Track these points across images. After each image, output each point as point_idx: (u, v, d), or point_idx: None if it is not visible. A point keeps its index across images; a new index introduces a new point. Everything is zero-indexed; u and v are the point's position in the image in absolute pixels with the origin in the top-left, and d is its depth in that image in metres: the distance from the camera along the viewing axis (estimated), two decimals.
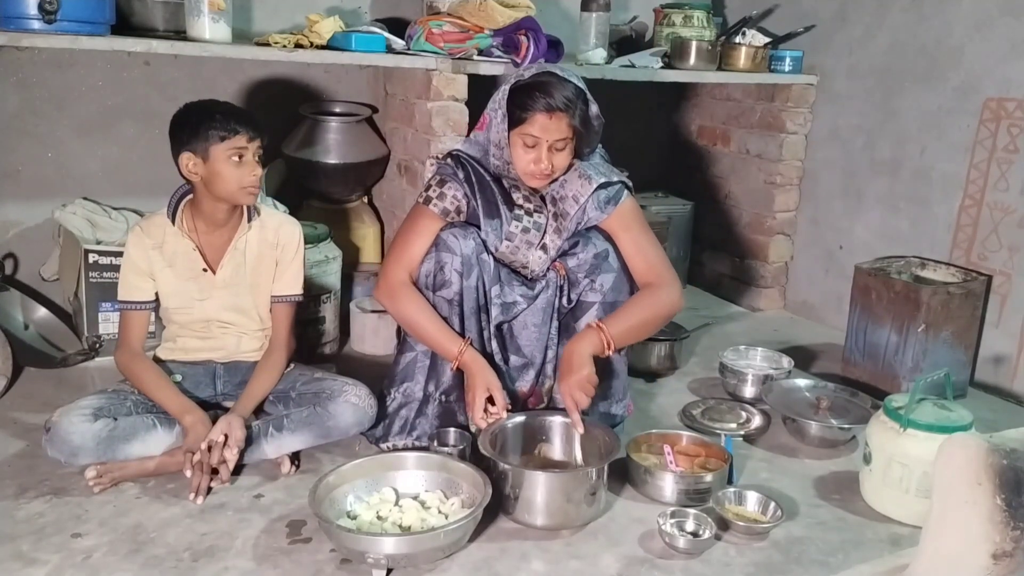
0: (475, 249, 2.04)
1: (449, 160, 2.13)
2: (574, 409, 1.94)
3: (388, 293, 2.08)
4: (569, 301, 2.11)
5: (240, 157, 2.01)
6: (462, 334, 2.05)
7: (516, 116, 1.97)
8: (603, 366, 2.16)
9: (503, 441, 1.97)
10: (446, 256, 2.03)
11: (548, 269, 2.11)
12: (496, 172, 2.09)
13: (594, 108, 2.02)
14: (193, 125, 2.01)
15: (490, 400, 1.98)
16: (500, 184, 2.09)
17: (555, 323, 2.12)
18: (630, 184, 2.16)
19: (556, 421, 2.05)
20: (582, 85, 2.01)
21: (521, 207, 2.09)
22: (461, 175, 2.09)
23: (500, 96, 2.01)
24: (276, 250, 2.18)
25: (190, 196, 2.11)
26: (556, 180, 2.08)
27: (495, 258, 2.08)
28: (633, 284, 2.13)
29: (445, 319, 2.05)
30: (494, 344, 2.10)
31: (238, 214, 2.14)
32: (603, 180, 2.08)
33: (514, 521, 1.86)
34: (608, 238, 2.11)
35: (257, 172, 2.04)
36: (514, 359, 2.13)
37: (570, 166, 2.08)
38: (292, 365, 2.22)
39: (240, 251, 2.15)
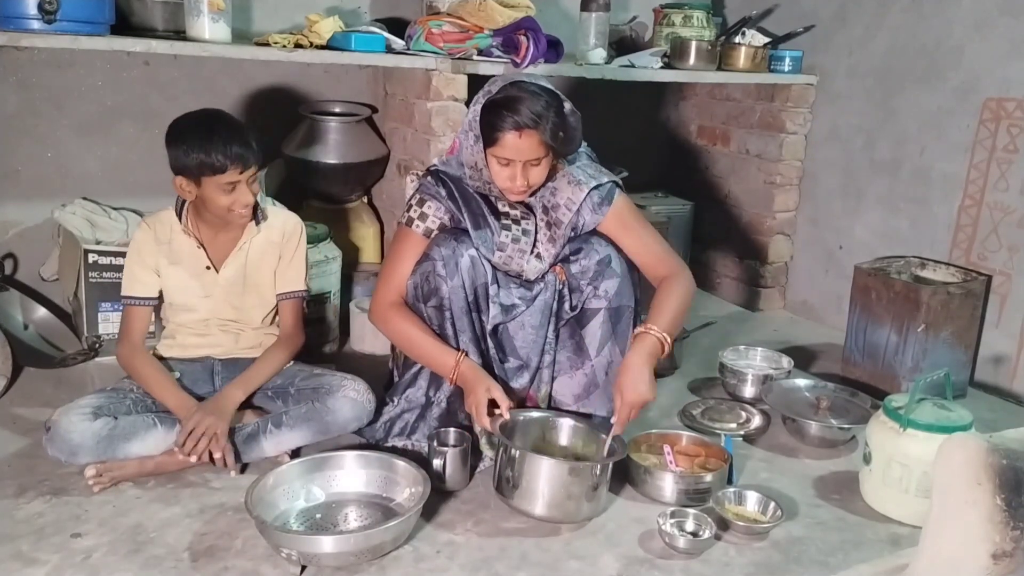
0: (456, 247, 2.01)
1: (430, 178, 2.11)
2: (623, 410, 1.90)
3: (380, 317, 2.08)
4: (572, 308, 2.09)
5: (232, 189, 1.99)
6: (456, 339, 2.05)
7: (487, 136, 1.92)
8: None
9: (512, 434, 1.97)
10: (428, 265, 2.02)
11: (546, 273, 2.11)
12: (476, 190, 2.07)
13: (567, 106, 1.96)
14: (185, 153, 1.97)
15: (493, 404, 1.96)
16: (484, 196, 2.07)
17: (552, 326, 2.11)
18: (620, 181, 2.13)
19: (566, 423, 2.05)
20: (552, 88, 1.95)
21: (507, 216, 2.07)
22: (444, 192, 2.07)
23: (471, 118, 1.96)
24: (280, 246, 2.19)
25: None
26: (545, 187, 2.06)
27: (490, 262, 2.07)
28: (636, 287, 2.12)
29: (438, 328, 2.04)
30: (490, 344, 2.09)
31: None
32: (594, 183, 2.06)
33: (513, 508, 1.87)
34: (609, 241, 2.10)
35: (248, 199, 2.02)
36: (510, 361, 2.13)
37: (555, 169, 2.04)
38: (291, 362, 2.22)
39: (244, 252, 2.16)
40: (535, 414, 2.08)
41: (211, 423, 1.94)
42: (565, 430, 2.05)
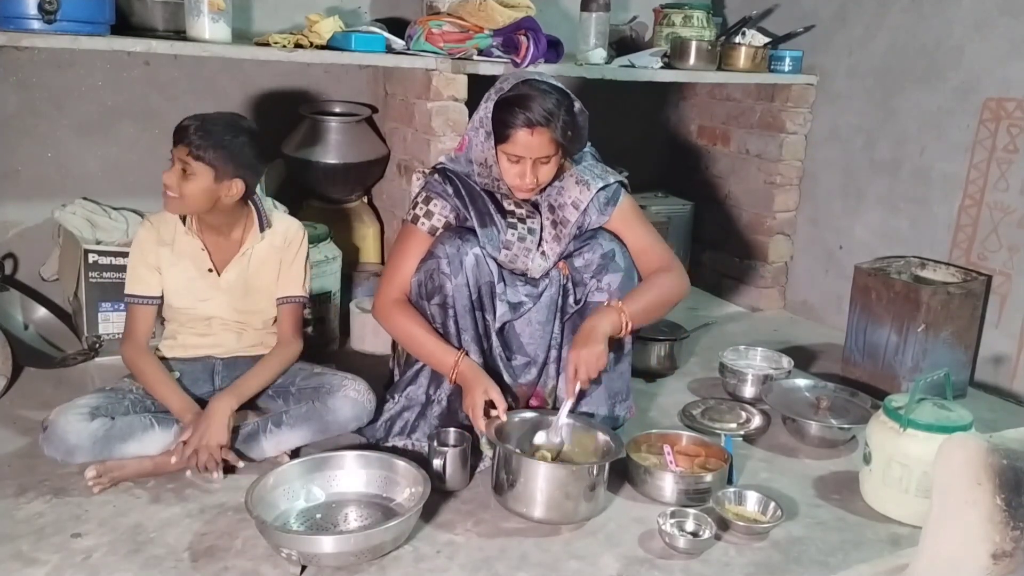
0: (461, 246, 2.02)
1: (436, 175, 2.11)
2: (573, 377, 1.92)
3: (382, 313, 2.09)
4: (576, 302, 2.10)
5: (171, 163, 2.00)
6: (459, 337, 2.05)
7: (499, 133, 1.94)
8: (612, 366, 2.16)
9: (507, 435, 1.98)
10: (433, 263, 2.03)
11: (550, 269, 2.11)
12: (484, 187, 2.08)
13: (577, 105, 1.98)
14: None
15: (491, 405, 1.97)
16: (491, 194, 2.08)
17: (558, 322, 2.12)
18: (626, 182, 2.16)
19: (563, 421, 2.05)
20: (562, 87, 1.97)
21: (514, 214, 2.08)
22: (451, 190, 2.07)
23: (483, 114, 1.97)
24: (282, 251, 2.19)
25: None
26: (552, 186, 2.07)
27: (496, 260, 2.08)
28: (639, 282, 2.12)
29: (441, 326, 2.05)
30: (495, 342, 2.09)
31: (243, 223, 2.14)
32: (601, 184, 2.07)
33: (511, 511, 1.87)
34: (614, 237, 2.11)
35: (168, 178, 1.98)
36: (517, 358, 2.13)
37: (563, 169, 2.06)
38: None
39: (247, 257, 2.15)
40: (531, 414, 2.07)
41: (208, 443, 1.93)
42: (564, 430, 2.05)
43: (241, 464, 1.98)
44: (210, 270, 2.13)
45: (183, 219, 2.11)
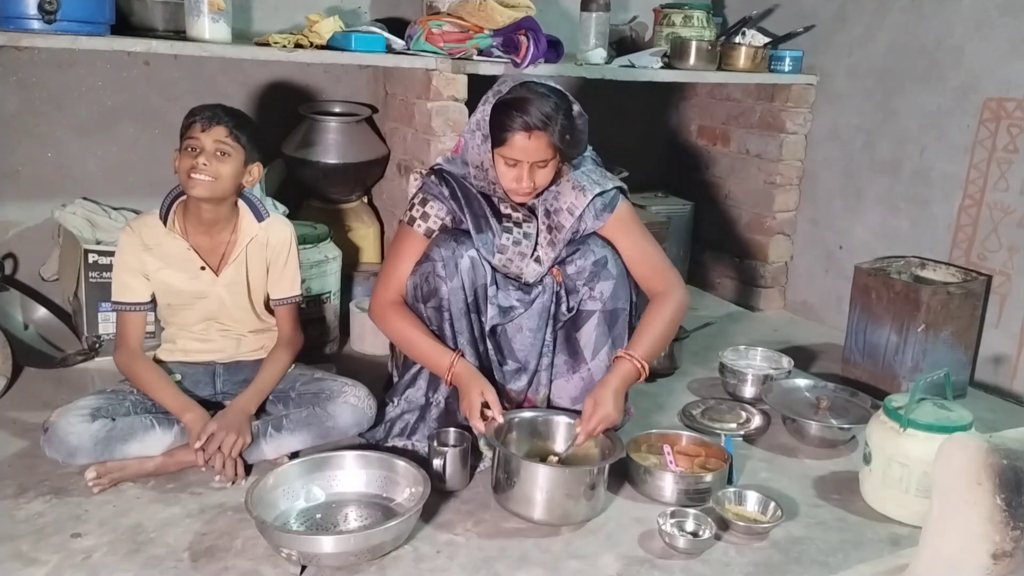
0: (456, 248, 2.01)
1: (433, 177, 2.10)
2: (589, 420, 1.91)
3: (379, 315, 2.08)
4: (569, 309, 2.09)
5: (193, 152, 1.97)
6: (454, 340, 2.05)
7: (496, 136, 1.92)
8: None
9: (507, 435, 1.98)
10: (428, 265, 2.02)
11: (544, 276, 2.10)
12: (480, 190, 2.07)
13: (576, 109, 1.97)
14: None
15: (487, 407, 1.96)
16: (487, 197, 2.07)
17: (550, 329, 2.11)
18: (625, 188, 2.13)
19: (562, 421, 2.06)
20: (561, 90, 1.96)
21: (510, 218, 2.06)
22: (447, 192, 2.06)
23: (480, 116, 1.95)
24: (266, 250, 2.17)
25: (183, 198, 2.09)
26: (548, 191, 2.06)
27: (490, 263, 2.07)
28: (632, 289, 2.11)
29: (437, 328, 2.04)
30: (488, 345, 2.09)
31: (230, 215, 2.12)
32: (598, 189, 2.05)
33: (511, 513, 1.87)
34: (607, 243, 2.09)
35: (199, 160, 1.95)
36: (508, 363, 2.12)
37: (559, 173, 2.04)
38: (293, 365, 2.22)
39: (244, 254, 2.14)
40: (528, 414, 2.08)
41: (233, 441, 1.95)
42: (560, 428, 2.05)
43: (244, 481, 1.97)
44: (203, 268, 2.11)
45: (164, 220, 2.09)
